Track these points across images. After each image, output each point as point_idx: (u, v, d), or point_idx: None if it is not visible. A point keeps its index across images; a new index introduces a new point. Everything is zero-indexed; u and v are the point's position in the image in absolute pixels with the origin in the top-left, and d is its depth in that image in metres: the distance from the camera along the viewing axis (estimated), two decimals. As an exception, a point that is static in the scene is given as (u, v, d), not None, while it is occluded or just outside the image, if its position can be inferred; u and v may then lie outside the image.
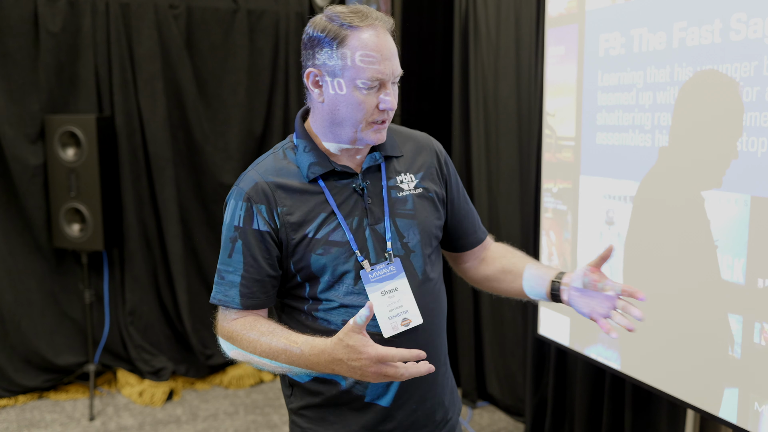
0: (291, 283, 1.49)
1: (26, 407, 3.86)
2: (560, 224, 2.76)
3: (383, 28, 1.41)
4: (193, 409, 3.88)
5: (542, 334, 2.91)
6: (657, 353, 2.31)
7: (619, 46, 2.39)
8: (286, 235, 1.44)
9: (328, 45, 1.40)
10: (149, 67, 4.00)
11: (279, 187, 1.45)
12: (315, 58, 1.43)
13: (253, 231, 1.44)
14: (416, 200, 1.54)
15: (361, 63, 1.38)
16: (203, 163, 4.20)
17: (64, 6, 3.85)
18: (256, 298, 1.47)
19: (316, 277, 1.46)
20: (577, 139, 2.63)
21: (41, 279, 3.97)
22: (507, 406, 3.73)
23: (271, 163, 1.50)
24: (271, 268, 1.46)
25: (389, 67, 1.40)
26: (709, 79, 2.06)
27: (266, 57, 4.26)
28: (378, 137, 1.46)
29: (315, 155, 1.48)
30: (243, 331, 1.44)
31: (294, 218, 1.44)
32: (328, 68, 1.41)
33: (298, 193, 1.46)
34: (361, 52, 1.38)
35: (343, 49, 1.39)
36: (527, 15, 3.28)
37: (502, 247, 1.74)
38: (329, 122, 1.46)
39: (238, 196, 1.46)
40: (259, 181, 1.46)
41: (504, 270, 1.66)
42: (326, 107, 1.44)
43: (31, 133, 3.86)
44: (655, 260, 2.28)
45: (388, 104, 1.41)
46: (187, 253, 4.20)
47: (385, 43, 1.40)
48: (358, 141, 1.46)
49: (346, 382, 1.49)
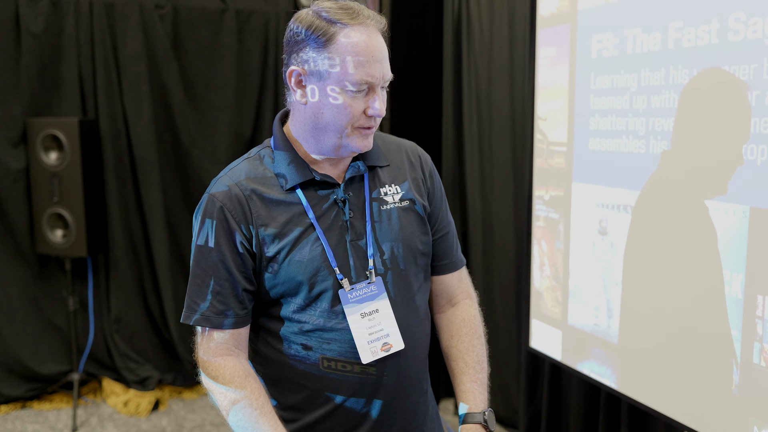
0: (265, 300, 1.38)
1: (8, 417, 3.76)
2: (552, 233, 2.64)
3: (375, 27, 1.30)
4: (179, 420, 3.78)
5: (534, 347, 2.80)
6: (654, 371, 2.20)
7: (613, 47, 2.28)
8: (260, 248, 1.33)
9: (314, 42, 1.27)
10: (134, 69, 3.89)
11: (254, 195, 1.34)
12: (299, 56, 1.30)
13: (227, 243, 1.33)
14: (401, 214, 1.42)
15: (350, 64, 1.26)
16: (190, 167, 4.09)
17: (46, 6, 3.75)
18: (236, 316, 1.35)
19: (291, 296, 1.35)
20: (569, 144, 2.52)
21: (24, 286, 3.87)
22: (501, 418, 3.63)
23: (245, 169, 1.38)
24: (248, 282, 1.35)
25: (380, 70, 1.28)
26: (714, 79, 1.94)
27: (255, 58, 4.15)
28: (364, 144, 1.33)
29: (294, 162, 1.36)
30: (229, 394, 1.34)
31: (269, 230, 1.32)
32: (313, 68, 1.29)
33: (274, 203, 1.34)
34: (351, 53, 1.26)
35: (330, 48, 1.27)
36: (521, 14, 3.17)
37: (468, 322, 1.56)
38: (311, 127, 1.33)
39: (210, 205, 1.34)
40: (233, 189, 1.34)
41: (449, 356, 1.53)
42: (309, 110, 1.32)
43: (13, 136, 3.76)
44: (655, 273, 2.16)
45: (377, 110, 1.30)
46: (173, 259, 4.10)
47: (377, 44, 1.28)
48: (342, 148, 1.33)
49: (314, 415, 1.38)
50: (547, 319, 2.70)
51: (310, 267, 1.33)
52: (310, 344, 1.35)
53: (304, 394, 1.38)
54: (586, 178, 2.44)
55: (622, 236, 2.28)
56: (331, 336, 1.35)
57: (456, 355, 1.51)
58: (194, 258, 1.37)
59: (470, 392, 1.47)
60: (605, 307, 2.39)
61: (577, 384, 2.91)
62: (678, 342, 2.08)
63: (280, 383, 1.41)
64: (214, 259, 1.33)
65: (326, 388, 1.37)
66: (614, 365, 2.36)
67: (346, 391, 1.37)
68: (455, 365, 1.51)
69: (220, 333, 1.36)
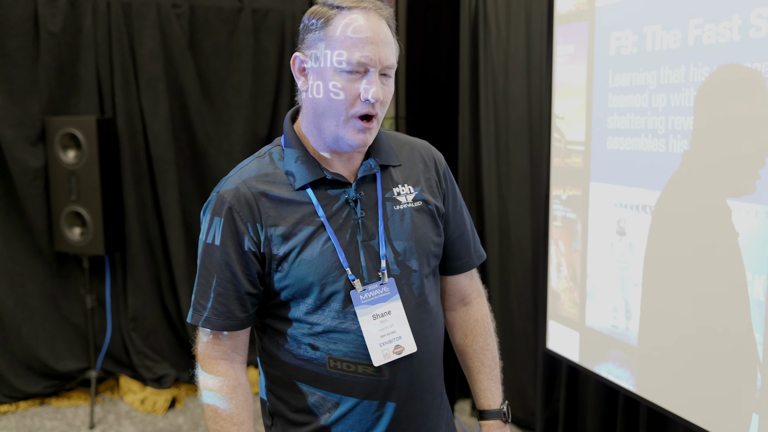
0: (273, 302, 1.35)
1: (27, 414, 3.79)
2: (569, 233, 2.61)
3: (376, 12, 1.27)
4: (195, 418, 3.79)
5: (551, 348, 2.76)
6: (675, 374, 2.15)
7: (631, 44, 2.24)
8: (269, 250, 1.30)
9: (314, 27, 1.27)
10: (151, 68, 3.91)
11: (263, 195, 1.31)
12: (303, 44, 1.30)
13: (233, 244, 1.31)
14: (414, 214, 1.39)
15: (344, 45, 1.24)
16: (206, 165, 4.10)
17: (64, 5, 3.77)
18: (234, 318, 1.33)
19: (302, 297, 1.32)
20: (587, 143, 2.48)
21: (42, 283, 3.90)
22: (517, 420, 3.59)
23: (255, 168, 1.35)
24: (252, 285, 1.33)
25: (376, 52, 1.25)
26: (735, 76, 1.89)
27: (271, 57, 4.15)
28: (360, 138, 1.29)
29: (304, 160, 1.34)
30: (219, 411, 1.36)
31: (279, 231, 1.30)
32: (312, 53, 1.28)
33: (285, 202, 1.31)
34: (345, 32, 1.24)
35: (327, 30, 1.26)
36: (538, 12, 3.13)
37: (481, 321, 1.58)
38: (312, 116, 1.32)
39: (219, 204, 1.32)
40: (242, 188, 1.31)
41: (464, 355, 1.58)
42: (309, 98, 1.31)
43: (32, 135, 3.79)
44: (676, 274, 2.12)
45: (370, 93, 1.25)
46: (189, 258, 4.11)
47: (375, 26, 1.26)
48: (340, 140, 1.30)
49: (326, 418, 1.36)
50: (564, 320, 2.66)
51: (321, 267, 1.30)
52: (318, 344, 1.34)
53: (314, 397, 1.36)
54: (604, 177, 2.40)
55: (641, 237, 2.24)
56: (338, 336, 1.33)
57: (472, 355, 1.56)
58: (201, 256, 1.35)
59: (488, 390, 1.54)
60: (623, 309, 2.35)
61: (594, 386, 2.87)
62: (699, 345, 2.04)
63: (290, 385, 1.39)
64: (218, 258, 1.32)
65: (337, 391, 1.35)
66: (633, 367, 2.32)
67: (358, 394, 1.35)
68: (471, 364, 1.56)
69: (218, 335, 1.36)
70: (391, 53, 1.28)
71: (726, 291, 1.94)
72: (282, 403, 1.41)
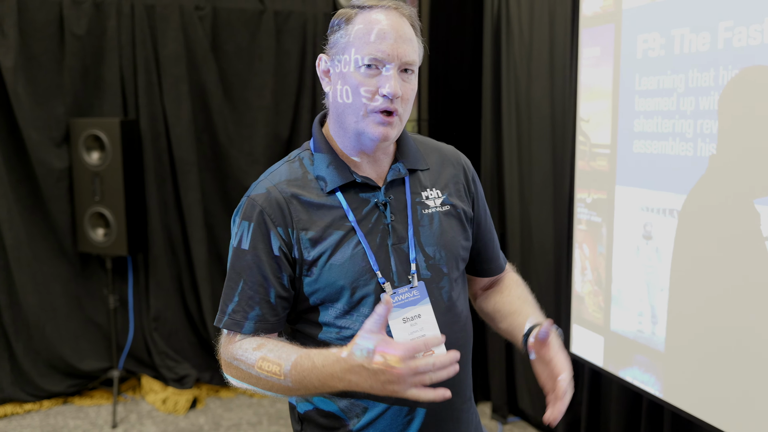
0: (303, 306, 1.35)
1: (50, 412, 3.83)
2: (594, 237, 2.59)
3: (398, 12, 1.30)
4: (216, 418, 3.81)
5: (574, 352, 2.75)
6: (702, 380, 2.13)
7: (659, 47, 2.22)
8: (300, 253, 1.31)
9: (337, 26, 1.31)
10: (174, 70, 3.93)
11: (295, 198, 1.32)
12: (328, 45, 1.34)
13: (264, 247, 1.31)
14: (443, 218, 1.40)
15: (362, 39, 1.27)
16: (228, 167, 4.12)
17: (89, 8, 3.81)
18: (265, 321, 1.33)
19: (332, 301, 1.32)
20: (612, 146, 2.46)
21: (66, 284, 3.94)
22: (539, 423, 3.57)
23: (285, 172, 1.36)
24: (282, 288, 1.32)
25: (394, 48, 1.26)
26: (761, 78, 1.87)
27: (293, 59, 4.16)
28: (381, 131, 1.29)
29: (333, 164, 1.34)
30: (248, 346, 1.31)
31: (309, 235, 1.30)
32: (335, 53, 1.31)
33: (315, 206, 1.32)
34: (364, 29, 1.27)
35: (347, 29, 1.29)
36: (562, 14, 3.12)
37: (516, 280, 1.59)
38: (336, 114, 1.33)
39: (249, 208, 1.33)
40: (273, 192, 1.32)
41: (502, 304, 1.51)
42: (332, 96, 1.33)
43: (56, 136, 3.83)
44: (705, 279, 2.10)
45: (387, 87, 1.25)
46: (211, 259, 4.13)
47: (395, 23, 1.28)
48: (362, 136, 1.31)
49: (354, 423, 1.36)
50: (589, 324, 2.65)
51: (351, 271, 1.30)
52: None
53: (344, 402, 1.36)
54: (630, 181, 2.38)
55: (668, 241, 2.22)
56: None
57: (512, 300, 1.49)
58: (231, 261, 1.36)
59: (538, 315, 1.44)
60: (649, 314, 2.33)
61: (618, 390, 2.85)
62: (728, 350, 2.02)
63: None
64: (246, 262, 1.32)
65: (368, 396, 1.34)
66: (659, 373, 2.30)
67: (387, 399, 1.34)
68: (512, 305, 1.48)
69: (240, 336, 1.34)
70: (411, 50, 1.29)
71: (754, 295, 1.91)
72: (312, 408, 1.40)
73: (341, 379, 1.18)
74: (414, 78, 1.32)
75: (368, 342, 1.15)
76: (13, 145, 3.75)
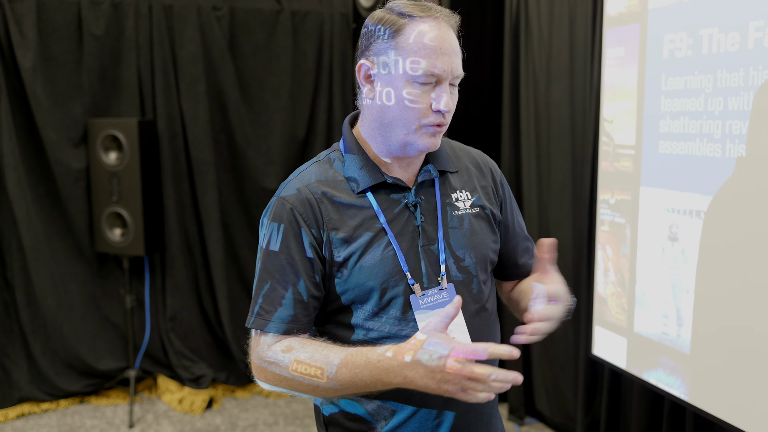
0: (332, 307, 1.34)
1: (67, 412, 3.84)
2: (618, 238, 2.58)
3: (446, 23, 1.28)
4: (232, 419, 3.81)
5: (596, 354, 2.73)
6: (729, 382, 2.12)
7: (686, 47, 2.21)
8: (330, 253, 1.30)
9: (383, 35, 1.27)
10: (192, 70, 3.94)
11: (326, 197, 1.31)
12: (369, 51, 1.30)
13: (296, 246, 1.30)
14: (473, 220, 1.39)
15: (417, 55, 1.24)
16: (245, 167, 4.12)
17: (107, 9, 3.81)
18: (297, 322, 1.31)
19: (360, 303, 1.31)
20: (637, 147, 2.45)
21: (83, 283, 3.95)
22: (556, 424, 3.56)
23: (315, 172, 1.35)
24: (315, 287, 1.31)
25: (448, 63, 1.25)
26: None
27: (310, 59, 4.16)
28: (432, 142, 1.30)
29: (364, 164, 1.33)
30: (278, 348, 1.28)
31: (340, 234, 1.29)
32: (381, 60, 1.27)
33: (345, 206, 1.31)
34: (418, 44, 1.24)
35: (398, 40, 1.26)
36: (582, 14, 3.11)
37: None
38: (378, 123, 1.31)
39: (279, 208, 1.31)
40: (303, 191, 1.31)
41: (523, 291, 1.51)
42: (376, 105, 1.30)
43: (74, 136, 3.84)
44: (732, 280, 2.09)
45: (442, 103, 1.25)
46: (228, 259, 4.14)
47: (446, 37, 1.26)
48: (409, 146, 1.30)
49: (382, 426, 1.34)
50: (611, 326, 2.63)
51: (381, 272, 1.30)
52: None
53: (372, 405, 1.35)
54: (655, 182, 2.37)
55: (694, 243, 2.21)
56: (396, 342, 1.30)
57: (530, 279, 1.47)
58: (261, 261, 1.34)
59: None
60: (675, 316, 2.32)
61: (638, 392, 2.84)
62: (756, 352, 2.01)
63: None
64: (278, 262, 1.30)
65: (396, 398, 1.33)
66: (684, 376, 2.29)
67: (417, 402, 1.33)
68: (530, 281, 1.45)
69: (279, 338, 1.31)
70: (460, 63, 1.29)
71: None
72: (337, 410, 1.39)
73: (397, 374, 1.17)
74: (456, 89, 1.32)
75: (440, 347, 1.14)
76: (31, 145, 3.76)
